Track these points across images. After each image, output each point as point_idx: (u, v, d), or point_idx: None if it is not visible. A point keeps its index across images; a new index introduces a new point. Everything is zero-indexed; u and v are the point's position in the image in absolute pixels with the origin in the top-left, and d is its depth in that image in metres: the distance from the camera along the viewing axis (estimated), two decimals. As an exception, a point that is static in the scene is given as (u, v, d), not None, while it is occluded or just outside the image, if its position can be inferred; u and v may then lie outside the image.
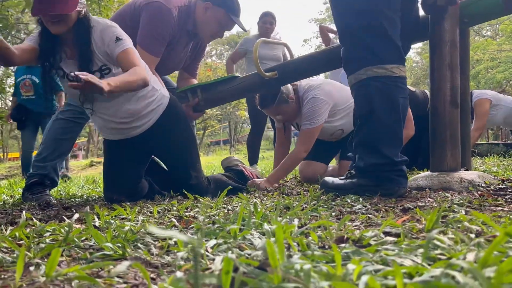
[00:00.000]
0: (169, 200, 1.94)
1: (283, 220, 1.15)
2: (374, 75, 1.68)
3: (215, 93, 2.51)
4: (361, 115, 1.73)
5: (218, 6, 2.56)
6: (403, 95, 1.72)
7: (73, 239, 0.95)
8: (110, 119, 2.12)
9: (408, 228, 0.96)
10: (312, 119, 2.60)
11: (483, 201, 1.42)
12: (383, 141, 1.69)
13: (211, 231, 1.02)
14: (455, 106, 1.89)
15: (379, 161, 1.69)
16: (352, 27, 1.72)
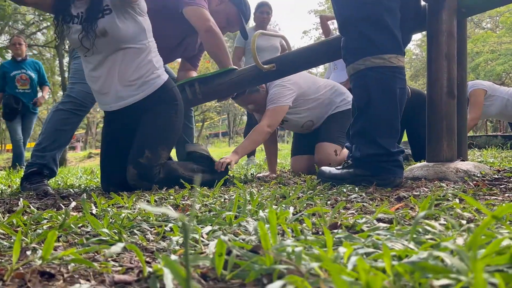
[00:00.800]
0: (166, 190, 1.95)
1: (279, 208, 1.16)
2: (372, 65, 1.69)
3: (213, 86, 2.51)
4: (359, 105, 1.74)
5: (233, 4, 2.70)
6: (401, 85, 1.72)
7: (70, 225, 0.97)
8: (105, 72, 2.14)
9: (401, 215, 0.97)
10: (276, 100, 2.68)
11: (477, 190, 1.43)
12: (380, 132, 1.70)
13: (207, 217, 1.03)
14: (452, 97, 1.90)
15: (375, 151, 1.70)
16: (352, 19, 1.73)
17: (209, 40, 2.48)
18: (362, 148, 1.74)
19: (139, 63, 2.15)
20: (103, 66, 2.13)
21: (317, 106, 2.86)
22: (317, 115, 2.88)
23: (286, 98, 2.68)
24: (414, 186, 1.63)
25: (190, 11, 2.48)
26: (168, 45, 2.69)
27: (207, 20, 2.47)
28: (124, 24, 2.09)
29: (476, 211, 1.06)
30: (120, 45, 2.10)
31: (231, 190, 1.79)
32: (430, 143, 1.93)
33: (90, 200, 1.68)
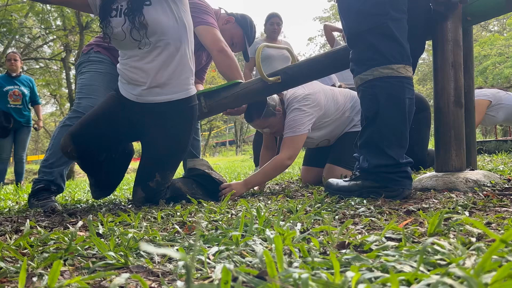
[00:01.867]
0: (173, 206, 1.95)
1: (286, 224, 1.15)
2: (380, 76, 1.69)
3: (219, 99, 2.51)
4: (367, 116, 1.74)
5: (239, 25, 2.75)
6: (409, 95, 1.72)
7: (76, 248, 0.97)
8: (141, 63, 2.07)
9: (410, 232, 0.96)
10: (294, 128, 2.57)
11: (488, 201, 1.41)
12: (388, 142, 1.69)
13: (213, 237, 1.03)
14: (459, 105, 1.89)
15: (383, 162, 1.69)
16: (359, 30, 1.74)
17: (221, 61, 2.50)
18: (370, 159, 1.73)
19: (180, 64, 2.08)
20: (142, 59, 2.05)
21: (335, 126, 2.79)
22: (334, 134, 2.83)
23: (305, 125, 2.59)
24: (423, 198, 1.62)
25: (202, 30, 2.51)
26: None
27: (220, 40, 2.49)
28: (166, 17, 2.01)
29: (487, 224, 1.05)
30: (160, 39, 2.02)
31: (238, 204, 1.78)
32: (439, 152, 1.92)
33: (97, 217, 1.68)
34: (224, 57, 2.48)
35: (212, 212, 1.59)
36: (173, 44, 2.04)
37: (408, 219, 1.19)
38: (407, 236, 0.92)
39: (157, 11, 2.00)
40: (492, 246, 0.53)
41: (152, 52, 2.03)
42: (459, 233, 0.92)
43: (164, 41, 2.02)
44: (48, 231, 1.42)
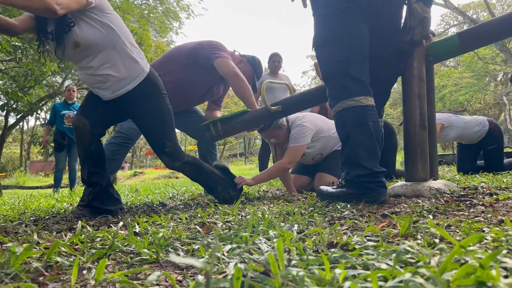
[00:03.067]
0: (194, 208, 1.95)
1: (285, 225, 1.14)
2: (347, 106, 1.72)
3: (232, 124, 2.52)
4: (342, 139, 1.78)
5: (250, 64, 2.79)
6: (372, 119, 1.73)
7: (118, 245, 0.96)
8: (87, 72, 1.92)
9: (386, 233, 0.95)
10: (297, 139, 2.61)
11: (447, 206, 1.40)
12: (362, 157, 1.69)
13: (227, 236, 1.02)
14: (424, 128, 1.88)
15: (361, 172, 1.69)
16: (329, 73, 1.79)
17: (235, 83, 2.52)
18: (351, 171, 1.73)
19: (121, 57, 1.91)
20: (90, 68, 1.90)
21: (327, 141, 2.80)
22: (326, 149, 2.81)
23: (306, 138, 2.62)
24: (396, 203, 1.60)
25: (220, 62, 2.53)
26: (200, 91, 2.74)
27: (233, 67, 2.52)
28: (91, 30, 1.82)
29: (447, 227, 1.03)
30: (97, 49, 1.85)
31: (247, 208, 1.77)
32: (408, 166, 1.90)
33: (134, 218, 1.67)
34: (237, 79, 2.50)
35: (226, 214, 1.58)
36: (107, 48, 1.87)
37: (384, 221, 1.18)
38: (384, 237, 0.91)
39: (82, 29, 1.81)
40: (453, 250, 0.52)
41: (92, 60, 1.88)
42: (425, 234, 0.91)
43: (98, 50, 1.86)
44: (95, 229, 1.42)
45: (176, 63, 2.61)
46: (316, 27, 1.84)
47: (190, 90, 2.69)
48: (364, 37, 1.75)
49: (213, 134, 2.58)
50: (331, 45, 1.77)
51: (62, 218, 1.89)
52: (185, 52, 2.62)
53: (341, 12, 1.74)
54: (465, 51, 2.02)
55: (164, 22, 11.71)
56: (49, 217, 1.97)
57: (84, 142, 1.98)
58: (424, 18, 1.79)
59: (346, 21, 1.74)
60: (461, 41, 1.95)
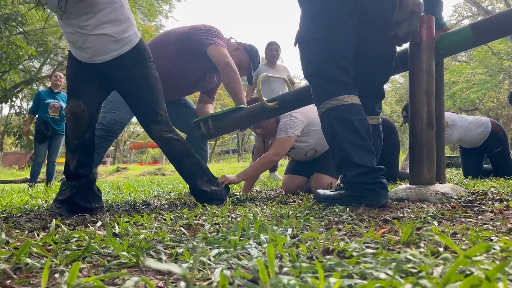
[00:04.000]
0: (180, 208, 1.94)
1: (279, 229, 1.14)
2: (330, 106, 1.76)
3: (225, 121, 2.50)
4: (329, 140, 1.81)
5: (247, 53, 2.77)
6: (358, 117, 1.75)
7: (95, 247, 0.95)
8: (81, 31, 1.93)
9: (386, 240, 0.95)
10: (286, 130, 2.60)
11: (454, 212, 1.40)
12: (353, 154, 1.71)
13: (214, 239, 1.02)
14: (431, 127, 1.88)
15: (357, 171, 1.70)
16: (310, 75, 1.85)
17: (226, 74, 2.50)
18: (347, 172, 1.75)
19: (118, 19, 1.95)
20: (85, 27, 1.91)
21: (321, 137, 2.69)
22: (321, 144, 2.78)
23: (295, 129, 2.61)
24: (399, 207, 1.61)
25: (213, 49, 2.51)
26: (191, 80, 2.72)
27: (226, 56, 2.50)
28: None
29: (453, 235, 1.04)
30: (99, 7, 1.88)
31: (238, 209, 1.77)
32: (413, 167, 1.91)
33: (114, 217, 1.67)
34: (229, 70, 2.49)
35: (214, 215, 1.58)
36: (108, 8, 1.91)
37: (384, 227, 1.18)
38: (384, 244, 0.91)
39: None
40: (457, 260, 0.52)
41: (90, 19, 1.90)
42: (429, 242, 0.91)
43: (99, 8, 1.89)
44: (71, 229, 1.41)
45: (166, 49, 2.59)
46: (300, 23, 1.88)
47: (180, 79, 2.68)
48: (347, 35, 1.78)
49: (204, 133, 2.55)
50: (311, 44, 1.82)
51: (36, 215, 1.88)
52: (176, 37, 2.60)
53: (324, 9, 1.78)
54: (478, 44, 2.03)
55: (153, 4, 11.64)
56: (22, 214, 1.95)
57: (80, 129, 1.99)
58: (413, 13, 1.79)
59: (327, 19, 1.78)
60: (474, 32, 1.95)
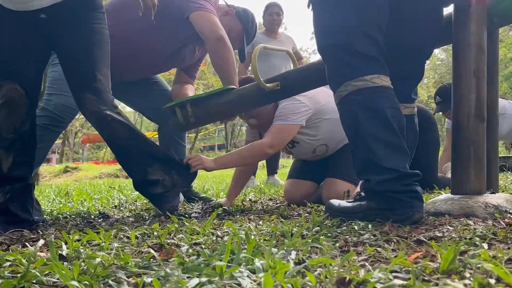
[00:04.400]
0: (150, 223, 1.94)
1: (279, 252, 1.14)
2: (354, 89, 1.74)
3: (208, 108, 2.46)
4: (350, 134, 1.80)
5: (240, 20, 2.72)
6: (389, 105, 1.74)
7: (35, 274, 0.95)
8: None
9: (420, 268, 0.96)
10: (285, 116, 2.56)
11: (510, 231, 1.41)
12: (381, 154, 1.70)
13: (194, 266, 1.02)
14: (481, 119, 1.89)
15: (385, 176, 1.69)
16: (328, 47, 1.83)
17: (218, 51, 2.48)
18: (371, 178, 1.74)
19: None
20: None
21: (336, 129, 2.69)
22: (334, 139, 2.75)
23: (299, 115, 2.57)
24: (437, 224, 1.62)
25: (199, 17, 2.49)
26: (164, 54, 2.70)
27: (219, 28, 2.48)
28: None
29: (508, 262, 1.05)
30: None
31: (225, 225, 1.77)
32: (456, 172, 1.92)
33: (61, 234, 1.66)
34: (222, 46, 2.46)
35: (194, 233, 1.58)
36: None
37: (418, 250, 1.19)
38: (417, 274, 0.92)
39: None
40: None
41: None
42: (476, 271, 0.92)
43: None
44: (4, 249, 1.40)
45: (132, 10, 2.56)
46: None
47: (150, 52, 2.67)
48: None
49: (180, 122, 2.53)
50: (332, 3, 1.80)
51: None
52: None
53: None
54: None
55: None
56: None
57: (17, 119, 1.99)
58: None
59: None
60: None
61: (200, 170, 2.42)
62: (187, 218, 2.09)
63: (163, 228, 1.70)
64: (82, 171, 16.98)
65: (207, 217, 2.19)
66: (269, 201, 3.15)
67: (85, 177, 14.62)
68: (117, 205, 3.06)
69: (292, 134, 2.60)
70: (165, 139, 3.04)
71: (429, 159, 3.28)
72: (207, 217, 2.19)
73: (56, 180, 15.21)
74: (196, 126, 2.63)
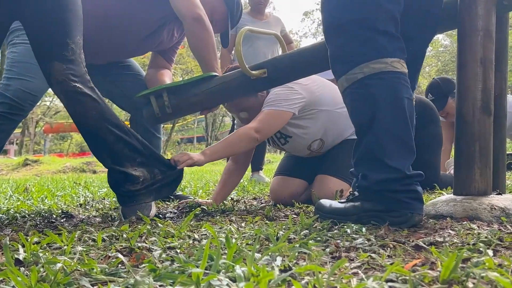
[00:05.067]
0: (118, 224, 1.93)
1: (263, 257, 1.14)
2: (373, 72, 1.70)
3: (187, 97, 2.44)
4: (361, 123, 1.76)
5: (225, 2, 2.69)
6: (407, 95, 1.74)
7: (-14, 281, 0.94)
8: None
9: (419, 277, 0.96)
10: (276, 102, 2.56)
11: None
12: (390, 151, 1.70)
13: (167, 273, 1.01)
14: (488, 112, 1.90)
15: (386, 175, 1.69)
16: (344, 20, 1.76)
17: (196, 32, 2.46)
18: (370, 174, 1.73)
19: None
20: None
21: (333, 122, 2.73)
22: (331, 134, 2.77)
23: (291, 102, 2.57)
24: (437, 228, 1.63)
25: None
26: (139, 34, 2.67)
27: (197, 6, 2.46)
28: None
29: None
30: None
31: (203, 227, 1.77)
32: (459, 171, 1.93)
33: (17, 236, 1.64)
34: (200, 27, 2.44)
35: (168, 235, 1.57)
36: None
37: (417, 257, 1.20)
38: (415, 283, 0.92)
39: None
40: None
41: None
42: (480, 281, 0.92)
43: None
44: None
45: None
46: None
47: (121, 32, 2.64)
48: None
49: (156, 113, 2.50)
50: None
51: None
52: None
53: None
54: None
55: None
56: None
57: None
58: None
59: None
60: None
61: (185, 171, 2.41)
62: (161, 219, 2.08)
63: (133, 230, 1.69)
64: (43, 165, 16.84)
65: (184, 218, 2.19)
66: (253, 200, 3.16)
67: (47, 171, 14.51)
68: (83, 204, 3.04)
69: (282, 121, 2.59)
70: (138, 129, 3.02)
71: (431, 156, 3.30)
72: (184, 218, 2.19)
73: (14, 174, 15.06)
74: (173, 117, 2.61)
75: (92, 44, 2.51)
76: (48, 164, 16.68)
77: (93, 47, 2.55)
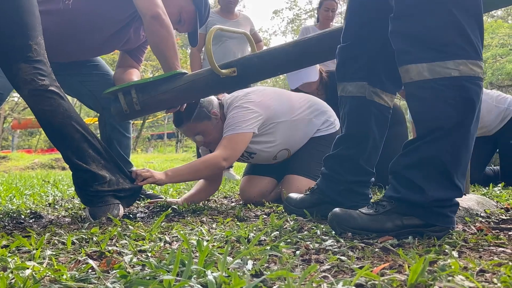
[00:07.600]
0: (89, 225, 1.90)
1: (234, 261, 1.14)
2: (471, 74, 1.45)
3: (156, 94, 2.43)
4: (440, 126, 1.47)
5: (193, 1, 2.71)
6: None
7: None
8: None
9: (387, 282, 0.97)
10: (235, 125, 2.56)
11: (481, 237, 1.45)
12: (462, 167, 1.51)
13: (138, 279, 1.00)
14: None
15: (449, 195, 1.51)
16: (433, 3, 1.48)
17: (154, 30, 2.43)
18: (430, 190, 1.49)
19: None
20: None
21: (293, 130, 2.74)
22: (294, 141, 2.77)
23: (250, 123, 2.56)
24: (404, 229, 1.65)
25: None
26: (104, 32, 2.63)
27: (155, 5, 2.43)
28: None
29: (480, 273, 1.07)
30: None
31: (174, 228, 1.76)
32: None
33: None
34: (158, 26, 2.42)
35: (139, 238, 1.56)
36: None
37: (385, 259, 1.21)
38: (384, 287, 0.93)
39: None
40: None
41: None
42: (446, 285, 0.94)
43: None
44: None
45: None
46: None
47: (86, 30, 2.60)
48: None
49: (124, 109, 2.48)
50: None
51: None
52: None
53: None
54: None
55: None
56: None
57: None
58: None
59: None
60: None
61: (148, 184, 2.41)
62: (131, 220, 2.06)
63: (104, 232, 1.67)
64: (11, 161, 16.51)
65: (154, 218, 2.18)
66: (224, 199, 3.15)
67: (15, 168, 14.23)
68: (52, 203, 2.99)
69: (245, 143, 2.59)
70: (106, 130, 2.98)
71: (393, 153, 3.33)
72: (154, 218, 2.18)
73: (-19, 171, 14.74)
74: (142, 114, 2.59)
75: (57, 42, 2.47)
76: (16, 161, 16.36)
77: (58, 45, 2.50)
